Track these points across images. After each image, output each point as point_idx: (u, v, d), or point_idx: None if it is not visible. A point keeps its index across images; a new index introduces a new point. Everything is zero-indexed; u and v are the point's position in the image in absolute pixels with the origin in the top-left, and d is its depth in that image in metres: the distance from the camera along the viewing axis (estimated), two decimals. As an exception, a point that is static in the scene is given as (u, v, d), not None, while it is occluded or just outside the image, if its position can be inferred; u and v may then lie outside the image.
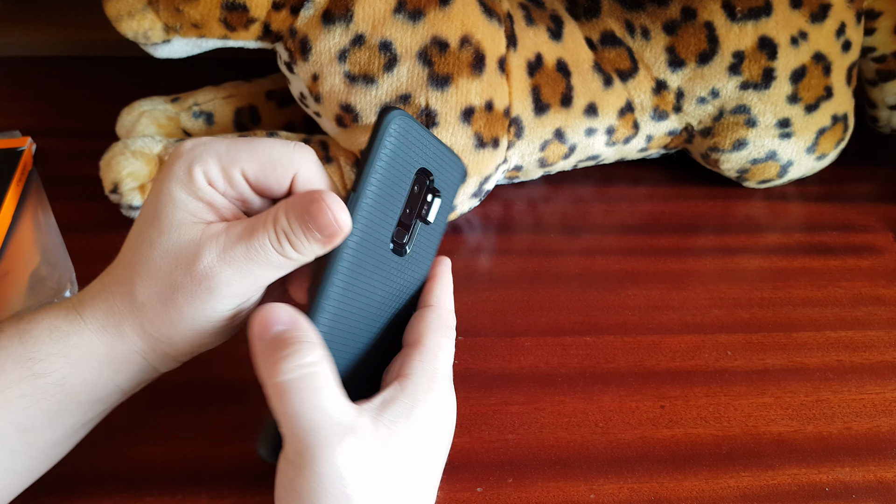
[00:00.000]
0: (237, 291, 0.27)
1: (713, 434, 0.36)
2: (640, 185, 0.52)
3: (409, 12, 0.41)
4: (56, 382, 0.27)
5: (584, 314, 0.42)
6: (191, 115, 0.49)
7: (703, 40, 0.46)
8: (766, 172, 0.50)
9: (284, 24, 0.41)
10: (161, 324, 0.27)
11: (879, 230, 0.50)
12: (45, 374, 0.26)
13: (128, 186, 0.42)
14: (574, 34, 0.47)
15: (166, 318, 0.27)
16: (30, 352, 0.27)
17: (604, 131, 0.47)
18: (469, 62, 0.42)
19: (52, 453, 0.28)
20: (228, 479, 0.32)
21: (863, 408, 0.38)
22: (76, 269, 0.41)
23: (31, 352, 0.27)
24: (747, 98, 0.47)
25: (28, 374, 0.26)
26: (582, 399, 0.37)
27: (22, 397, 0.26)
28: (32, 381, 0.26)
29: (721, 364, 0.40)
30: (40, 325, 0.27)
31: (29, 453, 0.27)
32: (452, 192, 0.32)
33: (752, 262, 0.46)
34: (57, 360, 0.27)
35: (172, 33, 0.40)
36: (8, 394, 0.26)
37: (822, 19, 0.46)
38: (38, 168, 0.49)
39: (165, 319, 0.27)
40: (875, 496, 0.34)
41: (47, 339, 0.27)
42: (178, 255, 0.26)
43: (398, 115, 0.28)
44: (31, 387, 0.26)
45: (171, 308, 0.27)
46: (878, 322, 0.43)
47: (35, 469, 0.28)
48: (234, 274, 0.26)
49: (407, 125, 0.28)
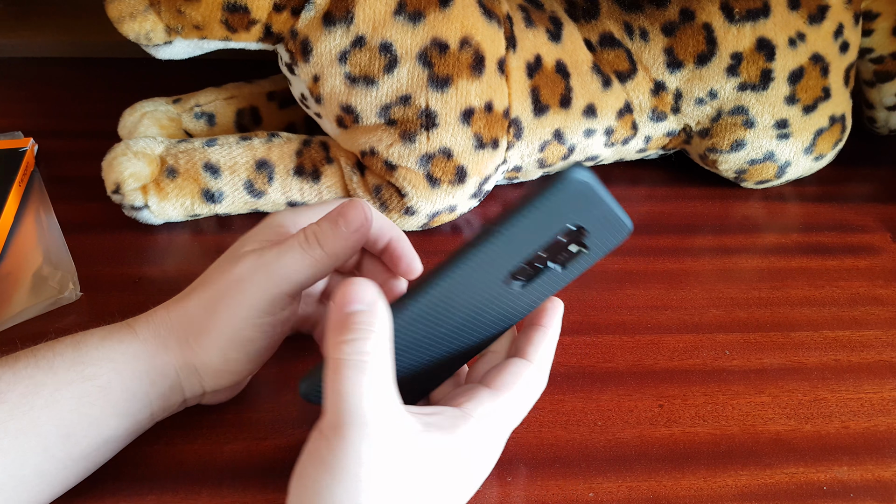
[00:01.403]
0: (265, 291, 0.29)
1: (711, 433, 0.36)
2: (638, 185, 0.53)
3: (409, 14, 0.41)
4: (102, 386, 0.28)
5: (582, 314, 0.42)
6: (192, 116, 0.49)
7: (701, 42, 0.46)
8: (764, 173, 0.50)
9: (285, 26, 0.41)
10: (200, 330, 0.29)
11: (877, 230, 0.50)
12: (94, 378, 0.28)
13: (130, 187, 0.42)
14: (573, 36, 0.47)
15: (205, 323, 0.29)
16: (83, 356, 0.28)
17: (602, 132, 0.48)
18: (469, 63, 0.42)
19: (81, 466, 0.29)
20: (229, 479, 0.32)
21: (860, 407, 0.38)
22: (78, 270, 0.41)
23: (83, 356, 0.28)
24: (745, 99, 0.47)
25: (78, 378, 0.28)
26: (581, 398, 0.37)
27: (70, 399, 0.27)
28: (81, 385, 0.28)
29: (719, 363, 0.40)
30: (94, 336, 0.29)
31: (64, 461, 0.28)
32: (603, 251, 0.29)
33: (750, 262, 0.47)
34: (105, 364, 0.28)
35: (174, 34, 0.40)
36: (58, 395, 0.27)
37: (820, 21, 0.47)
38: (41, 169, 0.49)
39: (204, 325, 0.29)
40: (873, 495, 0.34)
41: (99, 346, 0.29)
42: (223, 266, 0.30)
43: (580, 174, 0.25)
44: (79, 389, 0.28)
45: (210, 312, 0.29)
46: (876, 322, 0.43)
47: (64, 480, 0.28)
48: (262, 273, 0.29)
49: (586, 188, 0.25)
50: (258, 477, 0.33)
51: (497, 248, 0.26)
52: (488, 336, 0.31)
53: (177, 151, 0.43)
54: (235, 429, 0.34)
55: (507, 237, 0.26)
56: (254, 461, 0.33)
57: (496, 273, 0.27)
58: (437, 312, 0.28)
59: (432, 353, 0.30)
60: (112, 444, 0.29)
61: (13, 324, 0.38)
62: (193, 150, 0.44)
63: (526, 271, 0.28)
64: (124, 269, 0.42)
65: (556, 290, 0.30)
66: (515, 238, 0.26)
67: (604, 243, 0.28)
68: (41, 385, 0.27)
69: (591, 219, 0.27)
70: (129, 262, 0.43)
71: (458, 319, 0.29)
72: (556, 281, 0.29)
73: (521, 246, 0.27)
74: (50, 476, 0.28)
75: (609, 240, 0.28)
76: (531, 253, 0.27)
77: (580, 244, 0.28)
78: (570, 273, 0.29)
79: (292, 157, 0.44)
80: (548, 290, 0.30)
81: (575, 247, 0.28)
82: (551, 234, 0.27)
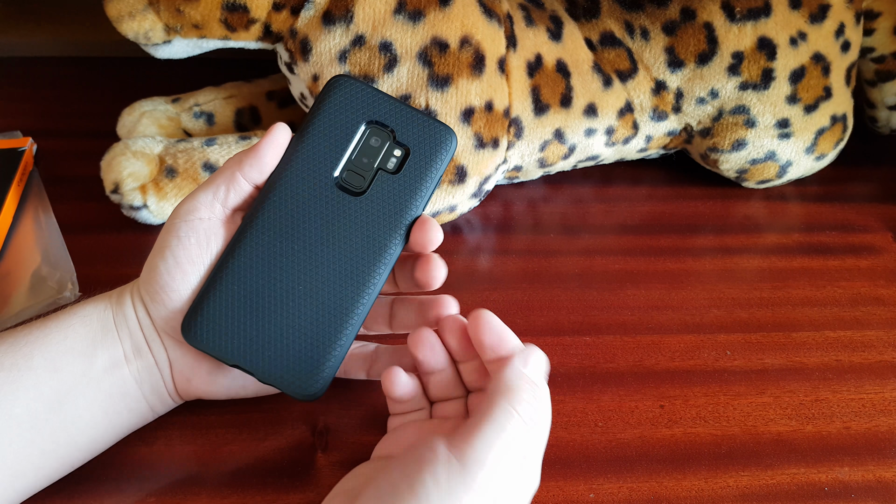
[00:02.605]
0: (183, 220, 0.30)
1: (712, 433, 0.36)
2: (639, 185, 0.52)
3: (409, 13, 0.41)
4: (83, 315, 0.30)
5: (583, 314, 0.42)
6: (191, 116, 0.49)
7: (702, 41, 0.46)
8: (766, 173, 0.50)
9: (285, 25, 0.41)
10: (142, 278, 0.31)
11: (878, 230, 0.50)
12: (76, 312, 0.31)
13: (129, 187, 0.42)
14: (574, 35, 0.47)
15: (145, 269, 0.31)
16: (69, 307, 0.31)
17: (603, 132, 0.47)
18: (469, 63, 0.42)
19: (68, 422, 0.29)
20: (229, 479, 0.32)
21: (862, 407, 0.38)
22: (77, 270, 0.41)
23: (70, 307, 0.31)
24: (746, 98, 0.47)
25: (64, 314, 0.31)
26: (581, 398, 0.37)
27: (56, 332, 0.30)
28: (67, 319, 0.30)
29: (720, 364, 0.40)
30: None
31: (52, 403, 0.29)
32: (433, 154, 0.32)
33: (751, 262, 0.46)
34: (86, 302, 0.32)
35: (173, 34, 0.40)
36: (47, 330, 0.30)
37: (821, 20, 0.47)
38: (39, 168, 0.49)
39: (144, 271, 0.31)
40: (874, 496, 0.34)
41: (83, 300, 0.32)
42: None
43: (341, 76, 0.32)
44: (64, 323, 0.30)
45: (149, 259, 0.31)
46: (877, 322, 0.43)
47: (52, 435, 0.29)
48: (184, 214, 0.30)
49: (351, 85, 0.32)
50: (258, 477, 0.33)
51: (308, 149, 0.31)
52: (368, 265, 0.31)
53: (176, 151, 0.43)
54: (235, 429, 0.34)
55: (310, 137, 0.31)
56: (254, 461, 0.33)
57: (322, 173, 0.31)
58: (285, 219, 0.30)
59: (300, 276, 0.30)
60: (94, 386, 0.29)
61: (12, 324, 0.38)
62: (192, 150, 0.43)
63: (354, 176, 0.31)
64: (123, 269, 0.42)
65: (413, 205, 0.31)
66: (318, 137, 0.31)
67: (425, 145, 0.32)
68: (35, 327, 0.30)
69: (385, 114, 0.32)
70: (127, 262, 0.42)
71: (311, 230, 0.30)
72: (399, 189, 0.31)
73: (328, 145, 0.31)
74: (40, 422, 0.28)
75: (429, 140, 0.32)
76: (345, 152, 0.31)
77: (400, 146, 0.32)
78: (408, 179, 0.31)
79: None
80: (398, 201, 0.31)
81: (397, 150, 0.32)
82: (351, 131, 0.31)
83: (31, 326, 0.30)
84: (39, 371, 0.29)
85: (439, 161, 0.32)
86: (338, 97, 0.32)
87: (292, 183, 0.31)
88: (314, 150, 0.31)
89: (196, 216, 0.30)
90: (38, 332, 0.30)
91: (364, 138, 0.32)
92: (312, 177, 0.31)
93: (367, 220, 0.31)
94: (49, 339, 0.29)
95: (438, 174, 0.32)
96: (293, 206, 0.30)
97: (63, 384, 0.29)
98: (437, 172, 0.32)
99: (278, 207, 0.30)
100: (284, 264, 0.30)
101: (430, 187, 0.32)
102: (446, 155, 0.32)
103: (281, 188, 0.31)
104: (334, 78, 0.32)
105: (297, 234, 0.30)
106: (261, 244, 0.30)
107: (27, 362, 0.29)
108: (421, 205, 0.31)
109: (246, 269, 0.30)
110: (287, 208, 0.30)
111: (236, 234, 0.31)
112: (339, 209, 0.31)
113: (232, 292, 0.30)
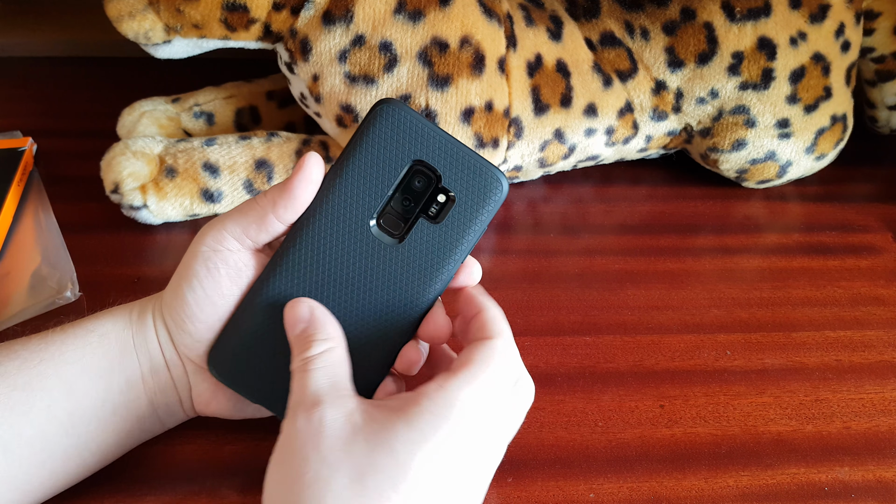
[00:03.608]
0: (212, 250, 0.29)
1: (712, 433, 0.36)
2: (639, 185, 0.52)
3: (409, 13, 0.41)
4: (101, 334, 0.30)
5: (583, 314, 0.42)
6: (191, 116, 0.49)
7: (702, 41, 0.46)
8: (766, 173, 0.50)
9: (285, 25, 0.41)
10: (167, 301, 0.30)
11: (878, 230, 0.50)
12: (94, 329, 0.30)
13: (128, 187, 0.42)
14: (574, 35, 0.47)
15: (170, 293, 0.30)
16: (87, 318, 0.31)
17: (603, 131, 0.47)
18: (469, 63, 0.42)
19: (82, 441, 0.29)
20: (228, 479, 0.32)
21: (862, 407, 0.38)
22: (77, 270, 0.41)
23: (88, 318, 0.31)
24: (746, 98, 0.47)
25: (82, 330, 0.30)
26: (581, 398, 0.37)
27: (73, 350, 0.29)
28: (84, 336, 0.30)
29: (720, 364, 0.40)
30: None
31: (66, 425, 0.28)
32: (479, 205, 0.29)
33: (751, 262, 0.46)
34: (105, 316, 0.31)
35: (173, 34, 0.40)
36: (63, 347, 0.29)
37: (821, 20, 0.47)
38: (39, 168, 0.49)
39: (168, 295, 0.30)
40: (874, 495, 0.34)
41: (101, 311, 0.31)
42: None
43: (388, 101, 0.28)
44: (82, 340, 0.29)
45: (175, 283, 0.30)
46: (877, 322, 0.43)
47: (64, 454, 0.29)
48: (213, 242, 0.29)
49: (398, 113, 0.28)
50: (258, 477, 0.33)
51: (345, 187, 0.28)
52: (401, 309, 0.30)
53: (176, 151, 0.43)
54: (235, 429, 0.34)
55: (348, 174, 0.28)
56: (254, 461, 0.33)
57: (358, 216, 0.29)
58: (316, 262, 0.29)
59: (342, 316, 0.29)
60: (109, 408, 0.29)
61: (12, 324, 0.38)
62: (192, 150, 0.43)
63: (392, 220, 0.29)
64: (123, 269, 0.42)
65: (453, 256, 0.29)
66: (358, 174, 0.28)
67: (471, 192, 0.29)
68: (50, 342, 0.29)
69: (433, 153, 0.28)
70: (127, 262, 0.42)
71: (342, 276, 0.29)
72: (439, 240, 0.29)
73: (367, 184, 0.28)
74: (52, 445, 0.28)
75: (476, 187, 0.29)
76: (385, 194, 0.28)
77: (444, 191, 0.29)
78: (450, 230, 0.29)
79: (292, 157, 0.44)
80: (442, 253, 0.29)
81: (441, 196, 0.29)
82: (394, 171, 0.28)
83: (46, 339, 0.29)
84: (54, 392, 0.28)
85: (485, 213, 0.29)
86: (383, 128, 0.28)
87: (327, 223, 0.29)
88: (352, 189, 0.29)
89: (226, 246, 0.29)
90: (54, 348, 0.29)
91: (407, 180, 0.29)
92: (348, 218, 0.29)
93: (402, 271, 0.29)
94: (64, 357, 0.28)
95: (483, 227, 0.29)
96: (326, 248, 0.29)
97: (78, 407, 0.28)
98: (481, 225, 0.29)
99: (311, 248, 0.29)
100: (331, 305, 0.29)
101: (472, 240, 0.29)
102: (494, 206, 0.29)
103: (314, 228, 0.29)
104: (380, 102, 0.28)
105: (330, 278, 0.29)
106: (292, 285, 0.29)
107: (41, 382, 0.28)
108: (461, 258, 0.30)
109: (277, 309, 0.29)
110: (320, 250, 0.29)
111: (267, 270, 0.29)
112: (375, 255, 0.29)
113: (262, 333, 0.29)
